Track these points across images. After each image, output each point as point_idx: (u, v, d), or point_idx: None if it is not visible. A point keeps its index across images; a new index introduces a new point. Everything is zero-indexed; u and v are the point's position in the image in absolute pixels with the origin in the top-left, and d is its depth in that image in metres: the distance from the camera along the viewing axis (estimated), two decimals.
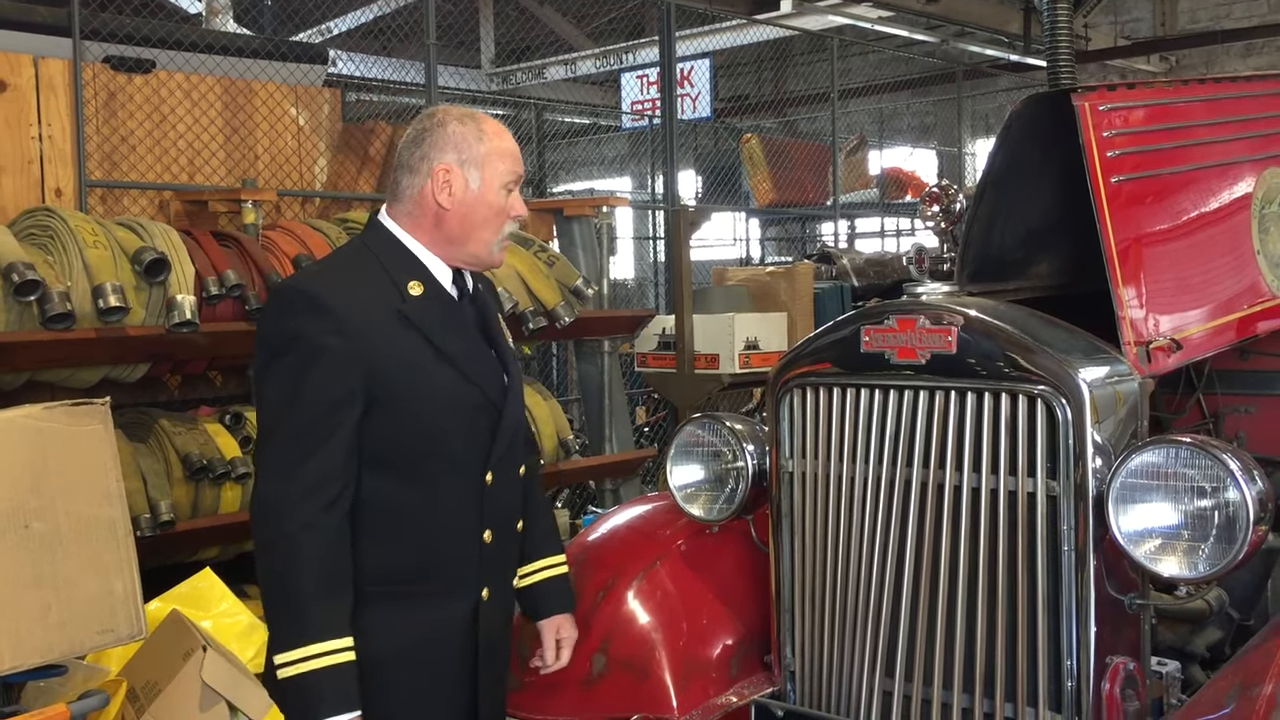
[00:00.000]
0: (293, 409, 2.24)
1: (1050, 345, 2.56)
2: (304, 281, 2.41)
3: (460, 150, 2.38)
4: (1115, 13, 13.96)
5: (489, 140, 2.40)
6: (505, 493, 2.46)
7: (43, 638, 2.59)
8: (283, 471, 2.22)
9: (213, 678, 3.03)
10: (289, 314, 2.28)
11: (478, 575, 2.40)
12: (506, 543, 2.49)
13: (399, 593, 2.33)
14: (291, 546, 2.19)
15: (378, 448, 2.29)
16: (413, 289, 2.35)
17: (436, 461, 2.34)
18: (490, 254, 2.45)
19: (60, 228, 4.38)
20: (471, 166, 2.38)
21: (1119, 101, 2.98)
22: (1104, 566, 2.48)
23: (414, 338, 2.32)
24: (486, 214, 2.40)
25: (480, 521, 2.39)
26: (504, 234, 2.45)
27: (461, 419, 2.36)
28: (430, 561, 2.35)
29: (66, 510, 2.65)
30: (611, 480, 6.61)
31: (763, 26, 11.55)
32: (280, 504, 2.20)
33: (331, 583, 2.21)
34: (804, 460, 2.86)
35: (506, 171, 2.41)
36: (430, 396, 2.32)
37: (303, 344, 2.24)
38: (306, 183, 6.12)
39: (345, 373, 2.24)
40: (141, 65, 5.52)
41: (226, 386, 5.50)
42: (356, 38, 12.09)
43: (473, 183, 2.38)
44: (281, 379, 2.26)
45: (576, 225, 6.65)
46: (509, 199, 2.43)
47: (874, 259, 8.88)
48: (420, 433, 2.31)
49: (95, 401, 2.75)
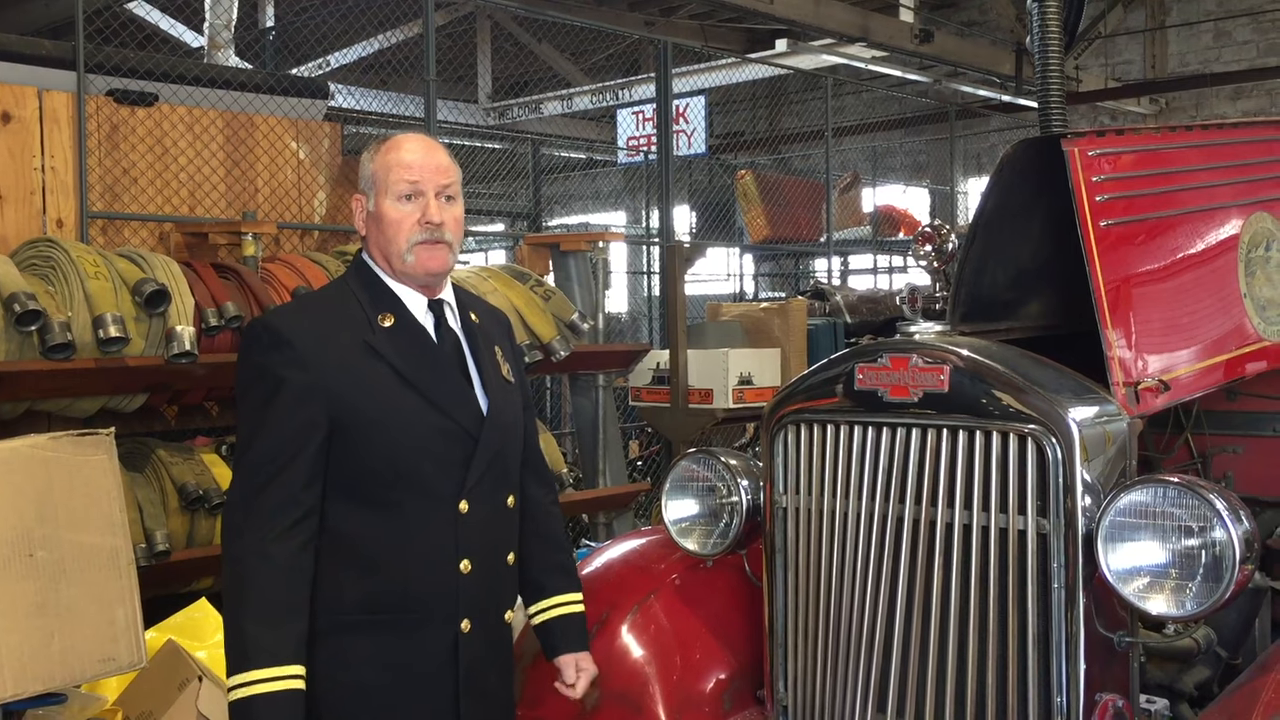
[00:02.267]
0: (256, 439, 2.31)
1: (1041, 385, 2.60)
2: (271, 317, 2.49)
3: (361, 177, 2.49)
4: (1106, 55, 14.12)
5: (379, 156, 2.46)
6: (486, 523, 2.44)
7: (45, 666, 2.61)
8: (241, 500, 2.30)
9: (208, 708, 3.04)
10: (256, 349, 2.37)
11: (456, 607, 2.39)
12: (491, 575, 2.47)
13: (373, 622, 2.34)
14: (241, 573, 2.25)
15: (346, 477, 2.33)
16: (383, 321, 2.41)
17: (405, 490, 2.35)
18: (405, 264, 2.43)
19: (62, 258, 4.42)
20: (369, 187, 2.46)
21: (1109, 147, 3.04)
22: (1093, 604, 2.51)
23: (381, 368, 2.36)
24: (386, 229, 2.43)
25: (456, 552, 2.39)
26: (412, 241, 2.41)
27: (429, 447, 2.37)
28: (402, 591, 2.35)
29: (70, 539, 2.68)
30: (605, 514, 6.63)
31: (757, 65, 11.66)
32: (238, 531, 2.28)
33: (276, 611, 2.24)
34: (798, 496, 2.89)
35: (396, 181, 2.42)
36: (395, 425, 2.34)
37: (267, 377, 2.32)
38: (306, 215, 6.17)
39: (304, 404, 2.29)
40: (144, 98, 5.57)
41: (223, 417, 5.52)
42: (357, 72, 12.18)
43: (369, 203, 2.46)
44: (249, 411, 2.35)
45: (573, 260, 6.69)
46: (408, 207, 2.42)
47: (867, 296, 8.94)
48: (386, 462, 2.34)
49: (100, 431, 2.79)
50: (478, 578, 2.42)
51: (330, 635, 2.30)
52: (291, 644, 2.24)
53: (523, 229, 12.69)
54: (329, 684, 2.30)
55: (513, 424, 2.55)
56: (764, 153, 15.29)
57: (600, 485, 6.67)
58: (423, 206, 2.42)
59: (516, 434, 2.57)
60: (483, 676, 2.45)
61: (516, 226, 13.78)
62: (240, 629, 2.23)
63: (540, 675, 2.77)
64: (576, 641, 2.69)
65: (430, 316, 2.48)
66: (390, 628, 2.35)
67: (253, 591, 2.23)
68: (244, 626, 2.23)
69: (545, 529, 2.68)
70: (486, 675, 2.46)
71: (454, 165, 2.50)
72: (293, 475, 2.28)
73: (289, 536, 2.26)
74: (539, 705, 2.77)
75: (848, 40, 10.80)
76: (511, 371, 2.61)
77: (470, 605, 2.42)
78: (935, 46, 11.42)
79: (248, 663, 2.21)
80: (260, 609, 2.23)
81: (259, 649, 2.21)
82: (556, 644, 2.67)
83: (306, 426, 2.29)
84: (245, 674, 2.21)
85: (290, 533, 2.26)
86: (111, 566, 2.75)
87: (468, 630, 2.40)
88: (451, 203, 2.47)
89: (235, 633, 2.25)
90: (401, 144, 2.46)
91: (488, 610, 2.47)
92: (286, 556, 2.25)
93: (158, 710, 3.09)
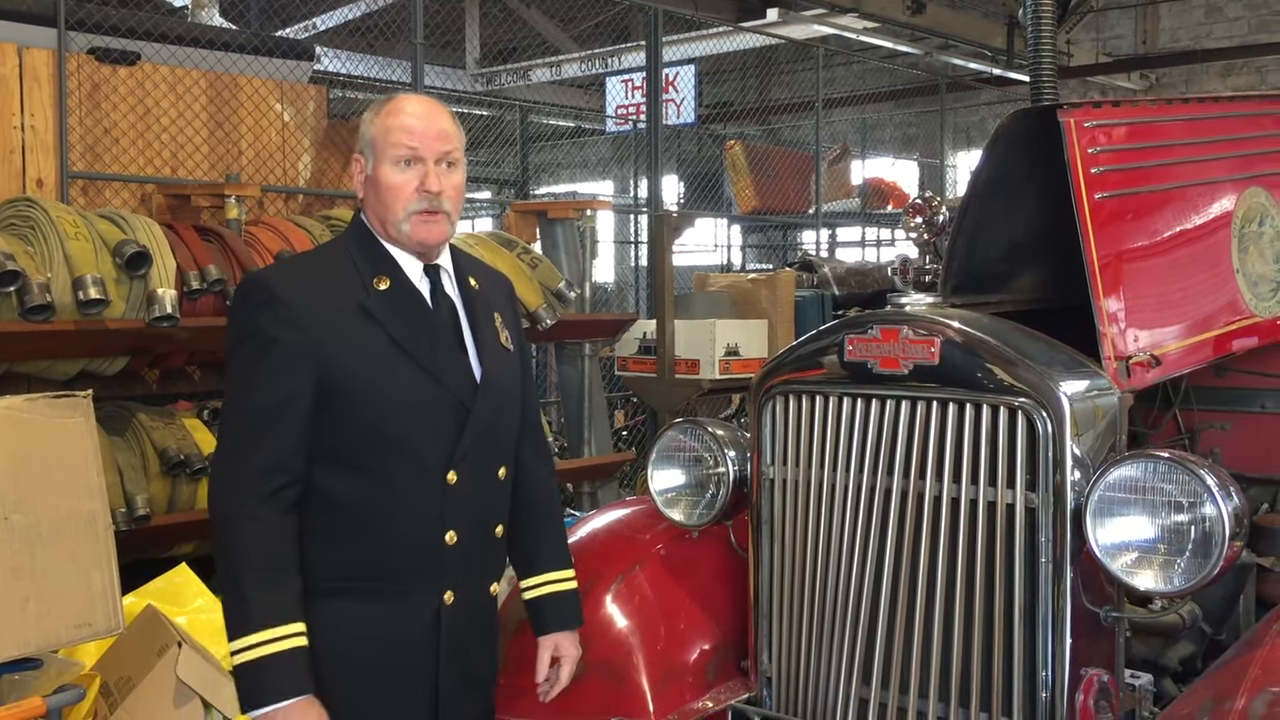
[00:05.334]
0: (244, 399, 2.27)
1: (1032, 358, 2.58)
2: (265, 274, 2.43)
3: (361, 137, 2.42)
4: (1098, 29, 14.08)
5: (380, 119, 2.38)
6: (474, 495, 2.40)
7: (20, 631, 2.57)
8: (230, 461, 2.27)
9: (187, 674, 3.02)
10: (247, 305, 2.31)
11: (439, 577, 2.36)
12: (477, 547, 2.43)
13: (353, 589, 2.31)
14: (234, 536, 2.21)
15: (334, 441, 2.29)
16: (379, 284, 2.36)
17: (392, 458, 2.31)
18: (401, 233, 2.37)
19: (41, 219, 4.35)
20: (368, 149, 2.40)
21: (1104, 118, 3.01)
22: (1080, 579, 2.50)
23: (375, 331, 2.31)
24: (383, 194, 2.37)
25: (442, 522, 2.35)
26: (409, 210, 2.35)
27: (420, 415, 2.33)
28: (385, 559, 2.32)
29: (47, 503, 2.64)
30: (589, 483, 6.62)
31: (748, 34, 11.57)
32: (225, 493, 2.24)
33: (273, 573, 2.21)
34: (785, 467, 2.87)
35: (395, 145, 2.35)
36: (387, 392, 2.30)
37: (258, 335, 2.27)
38: (290, 179, 6.10)
39: (296, 365, 2.25)
40: (126, 57, 5.49)
41: (205, 381, 5.48)
42: (343, 35, 12.05)
43: (368, 165, 2.40)
44: (238, 369, 2.30)
45: (560, 228, 6.65)
46: (407, 173, 2.36)
47: (855, 268, 8.91)
48: (375, 428, 2.30)
49: (77, 394, 2.74)
50: (463, 549, 2.38)
51: (309, 601, 2.26)
52: (291, 602, 2.21)
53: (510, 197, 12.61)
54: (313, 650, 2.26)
55: (509, 394, 2.49)
56: (753, 123, 15.22)
57: (585, 454, 6.66)
58: (421, 174, 2.35)
59: (512, 404, 2.51)
60: (464, 648, 2.42)
61: (504, 194, 13.69)
62: (240, 592, 2.19)
63: (523, 646, 2.74)
64: (566, 619, 2.65)
65: (426, 281, 2.42)
66: (371, 596, 2.32)
67: (247, 554, 2.20)
68: (243, 590, 2.19)
69: (539, 503, 2.64)
70: (468, 647, 2.43)
71: (457, 130, 2.42)
72: (281, 437, 2.24)
73: (276, 500, 2.22)
74: (522, 675, 2.75)
75: (840, 10, 10.73)
76: (511, 339, 2.55)
77: (454, 577, 2.38)
78: (927, 18, 11.36)
79: (250, 624, 2.18)
80: (257, 570, 2.19)
81: (260, 610, 2.18)
82: (546, 622, 2.64)
83: (297, 387, 2.25)
84: (248, 636, 2.17)
85: (279, 495, 2.23)
86: (89, 531, 2.71)
87: (450, 601, 2.37)
88: (452, 169, 2.40)
89: (234, 596, 2.20)
90: (403, 106, 2.38)
91: (472, 582, 2.44)
92: (276, 518, 2.22)
93: (136, 676, 3.06)
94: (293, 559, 2.24)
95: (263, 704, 2.17)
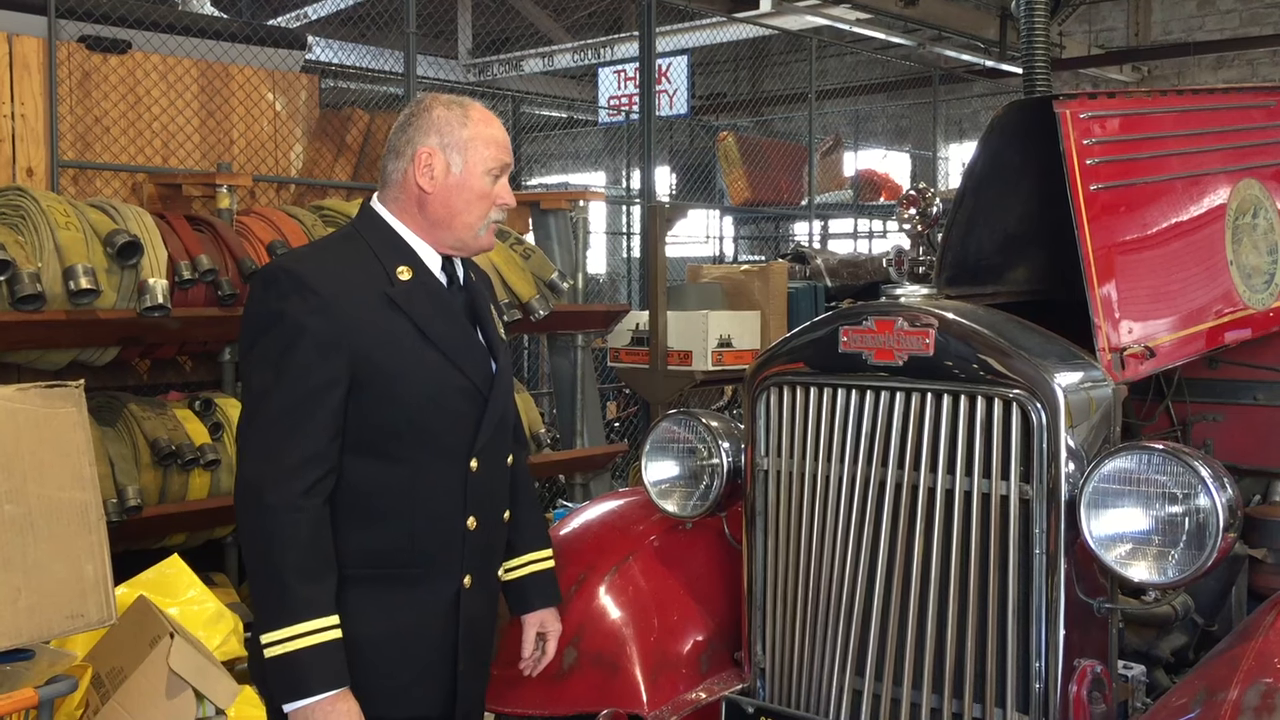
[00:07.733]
0: (275, 390, 2.23)
1: (1026, 350, 2.58)
2: (291, 262, 2.39)
3: (443, 134, 2.39)
4: (1090, 22, 14.08)
5: (473, 125, 2.41)
6: (491, 481, 2.46)
7: (11, 621, 2.56)
8: (265, 454, 2.22)
9: (179, 665, 3.01)
10: (274, 294, 2.27)
11: (460, 562, 2.40)
12: (491, 532, 2.49)
13: (380, 576, 2.33)
14: (274, 529, 2.19)
15: (362, 431, 2.29)
16: (401, 274, 2.36)
17: (420, 446, 2.34)
18: (475, 238, 2.45)
19: (32, 208, 4.33)
20: (454, 150, 2.39)
21: (1099, 110, 3.00)
22: (1074, 570, 2.50)
23: (401, 322, 2.32)
24: (469, 198, 2.40)
25: (464, 508, 2.40)
26: (489, 220, 2.45)
27: (447, 404, 2.36)
28: (412, 546, 2.35)
29: (38, 493, 2.62)
30: (582, 475, 6.61)
31: (741, 25, 11.56)
32: (262, 487, 2.20)
33: (314, 564, 2.21)
34: (779, 459, 2.86)
35: (491, 158, 2.41)
36: (415, 380, 2.32)
37: (286, 324, 2.23)
38: (282, 169, 6.08)
39: (328, 354, 2.23)
40: (117, 45, 5.47)
41: (197, 372, 5.46)
42: (335, 24, 12.00)
43: (454, 166, 2.39)
44: (265, 360, 2.26)
45: (553, 219, 6.64)
46: (495, 186, 2.43)
47: (848, 260, 8.92)
48: (404, 417, 2.31)
49: (69, 384, 2.73)
50: (481, 534, 2.44)
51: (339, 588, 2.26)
52: (329, 594, 2.22)
53: None
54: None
55: (511, 383, 2.56)
56: (746, 114, 15.20)
57: (578, 446, 6.65)
58: (503, 188, 2.44)
59: (512, 393, 2.59)
60: (478, 630, 2.48)
61: None
62: (281, 583, 2.18)
63: (516, 635, 2.75)
64: (550, 596, 2.73)
65: (443, 274, 2.46)
66: (396, 582, 2.34)
67: (292, 546, 2.18)
68: (286, 580, 2.17)
69: (520, 487, 2.69)
70: (482, 629, 2.50)
71: None
72: (317, 428, 2.22)
73: (315, 492, 2.22)
74: (515, 664, 2.75)
75: (833, 2, 10.71)
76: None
77: (472, 561, 2.43)
78: (921, 10, 11.35)
79: (290, 616, 2.17)
80: (301, 564, 2.19)
81: (301, 602, 2.18)
82: (529, 599, 2.70)
83: (331, 376, 2.24)
84: (288, 628, 2.17)
85: (319, 485, 2.22)
86: (80, 521, 2.70)
87: (469, 585, 2.42)
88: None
89: (275, 587, 2.19)
90: (491, 117, 2.45)
91: (486, 566, 2.50)
92: (316, 512, 2.22)
93: (128, 667, 3.05)
94: (330, 551, 2.24)
95: (302, 696, 2.18)
